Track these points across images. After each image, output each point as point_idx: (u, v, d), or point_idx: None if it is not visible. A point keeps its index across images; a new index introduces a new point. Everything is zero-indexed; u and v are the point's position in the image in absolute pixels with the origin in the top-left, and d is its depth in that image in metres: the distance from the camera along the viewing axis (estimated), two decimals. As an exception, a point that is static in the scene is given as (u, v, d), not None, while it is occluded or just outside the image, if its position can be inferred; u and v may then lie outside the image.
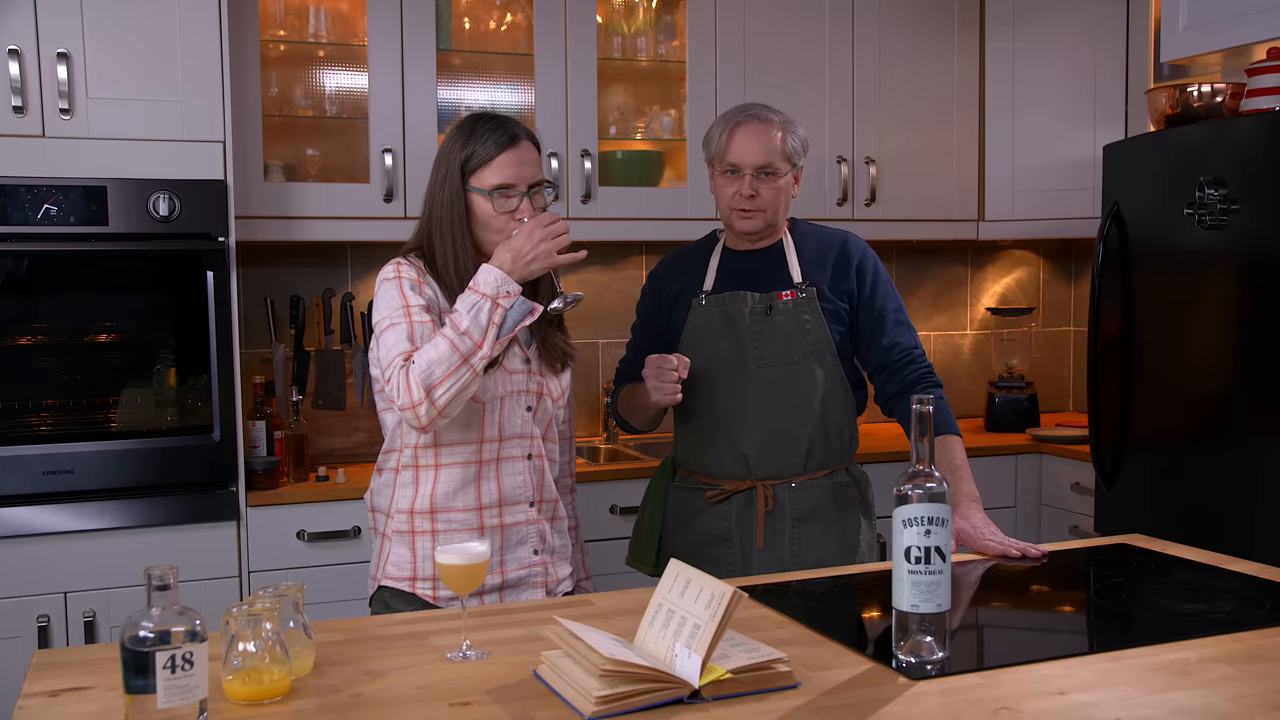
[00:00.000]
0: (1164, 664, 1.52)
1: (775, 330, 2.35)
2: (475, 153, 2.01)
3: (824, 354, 2.35)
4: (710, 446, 2.39)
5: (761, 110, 2.36)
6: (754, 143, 2.32)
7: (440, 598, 2.03)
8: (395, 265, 2.04)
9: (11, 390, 2.74)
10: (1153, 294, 3.10)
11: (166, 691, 1.28)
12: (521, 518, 2.07)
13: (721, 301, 2.38)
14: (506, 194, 2.01)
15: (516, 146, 2.02)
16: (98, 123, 2.76)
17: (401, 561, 2.05)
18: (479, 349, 1.86)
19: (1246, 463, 2.79)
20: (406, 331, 1.94)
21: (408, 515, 2.03)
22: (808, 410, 2.35)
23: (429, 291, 2.01)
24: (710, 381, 2.37)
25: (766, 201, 2.33)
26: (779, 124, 2.34)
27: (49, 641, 2.71)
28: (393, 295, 1.99)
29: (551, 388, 2.12)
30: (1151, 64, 3.58)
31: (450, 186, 2.03)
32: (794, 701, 1.40)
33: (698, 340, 2.39)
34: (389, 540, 2.07)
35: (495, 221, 2.02)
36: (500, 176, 2.00)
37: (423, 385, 1.85)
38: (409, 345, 1.92)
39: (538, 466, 2.09)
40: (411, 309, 1.96)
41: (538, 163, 2.06)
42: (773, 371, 2.35)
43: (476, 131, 2.03)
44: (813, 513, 2.36)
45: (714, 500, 2.38)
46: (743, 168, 2.32)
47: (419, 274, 2.02)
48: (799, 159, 2.37)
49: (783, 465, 2.36)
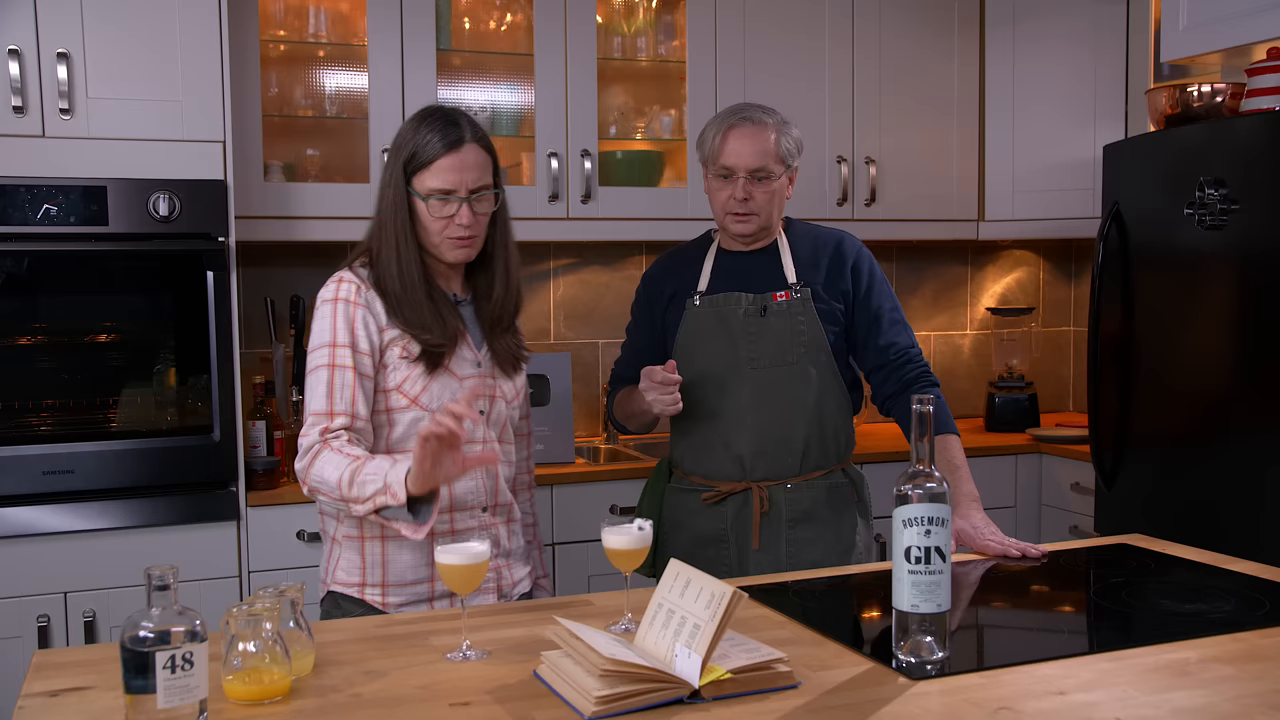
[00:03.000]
0: (1164, 664, 1.52)
1: (770, 331, 2.34)
2: (418, 153, 1.95)
3: (819, 354, 2.35)
4: (706, 448, 2.38)
5: (755, 112, 2.34)
6: (747, 145, 2.30)
7: (389, 604, 1.99)
8: (336, 283, 1.98)
9: (11, 390, 2.74)
10: (1153, 294, 3.10)
11: (166, 691, 1.28)
12: (473, 523, 2.02)
13: (716, 303, 2.37)
14: (444, 199, 1.95)
15: (459, 150, 1.94)
16: (98, 123, 2.76)
17: (351, 567, 2.01)
18: (357, 505, 1.84)
19: (1246, 463, 2.79)
20: (327, 382, 1.92)
21: (356, 522, 2.00)
22: (803, 411, 2.34)
23: (363, 313, 1.95)
24: (705, 383, 2.36)
25: (761, 204, 2.32)
26: (773, 125, 2.33)
27: (49, 641, 2.71)
28: (324, 326, 1.95)
29: (505, 390, 2.08)
30: (1151, 64, 3.58)
31: (395, 187, 1.97)
32: (794, 701, 1.40)
33: (692, 341, 2.39)
34: (339, 545, 2.04)
35: (433, 225, 1.96)
36: (439, 181, 1.94)
37: (310, 485, 1.91)
38: (325, 405, 1.91)
39: (491, 471, 2.05)
40: (337, 349, 1.93)
41: (483, 166, 1.98)
42: (767, 373, 2.34)
43: (422, 129, 1.97)
44: (809, 514, 2.35)
45: (710, 502, 2.38)
46: (736, 171, 2.31)
47: (357, 291, 1.96)
48: (794, 160, 2.36)
49: (778, 467, 2.35)
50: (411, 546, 1.99)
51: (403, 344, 1.97)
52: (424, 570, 2.00)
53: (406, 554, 1.99)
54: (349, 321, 1.95)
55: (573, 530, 3.17)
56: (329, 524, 2.07)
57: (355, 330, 1.95)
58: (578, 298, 3.80)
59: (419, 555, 1.99)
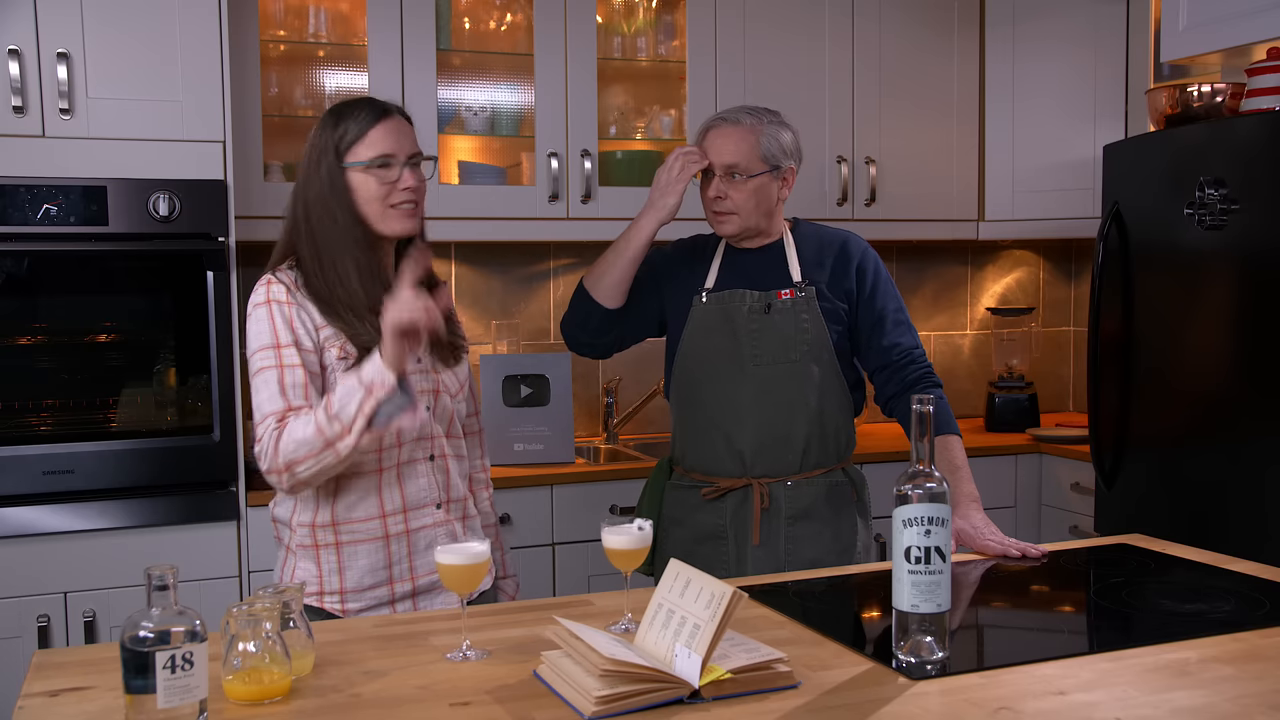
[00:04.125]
0: (1164, 664, 1.52)
1: (773, 329, 2.35)
2: (348, 131, 1.94)
3: (821, 353, 2.35)
4: (706, 443, 2.40)
5: (736, 113, 2.36)
6: (720, 144, 2.32)
7: (349, 611, 1.97)
8: (265, 286, 1.94)
9: (11, 390, 2.74)
10: (1153, 294, 3.10)
11: (166, 691, 1.28)
12: (428, 521, 2.00)
13: (721, 300, 2.39)
14: (385, 164, 1.93)
15: (389, 119, 1.96)
16: (98, 123, 2.76)
17: (307, 576, 1.98)
18: (345, 435, 1.79)
19: (1246, 462, 2.79)
20: (277, 381, 1.88)
21: (309, 529, 1.97)
22: (804, 409, 2.35)
23: (299, 314, 1.92)
24: (707, 378, 2.39)
25: (738, 203, 2.33)
26: (750, 126, 2.33)
27: (49, 641, 2.71)
28: (263, 329, 1.91)
29: (448, 383, 2.05)
30: (1151, 64, 3.58)
31: (326, 167, 1.94)
32: (794, 701, 1.40)
33: (697, 337, 2.40)
34: (293, 554, 2.00)
35: (377, 192, 1.94)
36: (377, 149, 1.93)
37: (285, 459, 1.83)
38: (281, 403, 1.86)
39: (441, 466, 2.03)
40: (282, 349, 1.89)
41: (413, 136, 2.00)
42: (770, 370, 2.35)
43: (344, 113, 1.96)
44: (808, 511, 2.36)
45: (710, 497, 2.38)
46: (714, 169, 2.33)
47: (288, 292, 1.93)
48: (783, 160, 2.35)
49: (779, 464, 2.36)
50: (368, 551, 1.96)
51: (339, 344, 1.93)
52: (382, 574, 1.97)
53: (363, 559, 1.96)
54: (287, 321, 1.91)
55: (573, 530, 3.17)
56: (283, 532, 2.03)
57: (295, 329, 1.91)
58: (578, 298, 3.80)
59: (376, 559, 1.97)
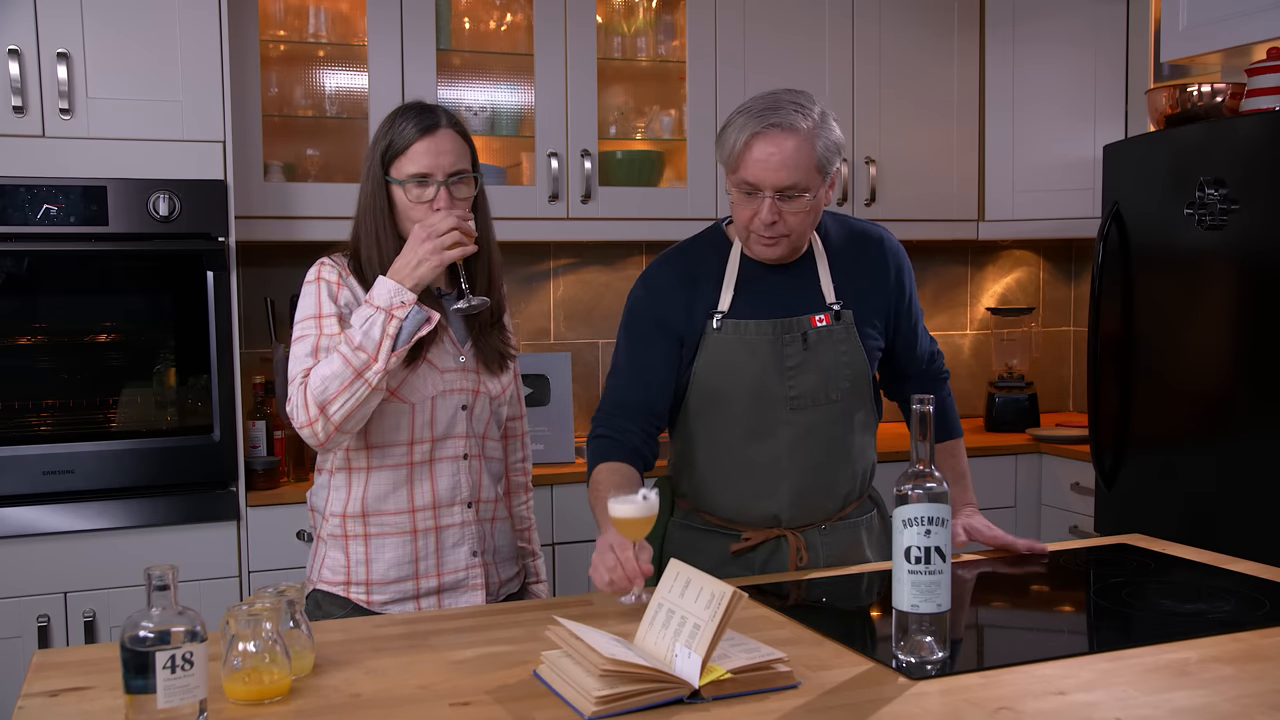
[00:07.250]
0: (1164, 664, 1.52)
1: (810, 365, 2.01)
2: (393, 142, 1.96)
3: (862, 387, 2.06)
4: (728, 492, 2.07)
5: (789, 112, 1.90)
6: (776, 158, 1.88)
7: (374, 603, 1.99)
8: (318, 266, 1.99)
9: (11, 390, 2.74)
10: (1153, 294, 3.10)
11: (166, 691, 1.28)
12: (457, 519, 2.02)
13: (742, 329, 2.01)
14: (422, 183, 1.94)
15: (434, 134, 1.94)
16: (98, 123, 2.76)
17: (336, 565, 2.01)
18: (373, 363, 1.81)
19: (1247, 462, 2.79)
20: (313, 345, 1.90)
21: (340, 519, 2.00)
22: (846, 456, 2.08)
23: (347, 294, 1.96)
24: (735, 421, 2.03)
25: (792, 226, 1.94)
26: (808, 131, 1.90)
27: (49, 641, 2.71)
28: (309, 302, 1.95)
29: (490, 387, 2.06)
30: (1151, 64, 3.58)
31: (372, 178, 1.98)
32: (794, 701, 1.40)
33: (715, 372, 2.02)
34: (324, 543, 2.04)
35: (413, 212, 1.96)
36: (416, 165, 1.94)
37: (317, 402, 1.83)
38: (312, 361, 1.88)
39: (474, 467, 2.04)
40: (324, 319, 1.92)
41: (459, 152, 1.97)
42: (808, 414, 2.02)
43: (397, 121, 1.98)
44: (844, 557, 2.09)
45: (739, 551, 2.07)
46: (762, 188, 1.90)
47: (340, 275, 1.97)
48: (833, 164, 1.95)
49: (816, 513, 2.08)
50: (395, 544, 1.98)
51: None
52: (407, 568, 1.99)
53: (390, 552, 1.99)
54: (333, 298, 1.95)
55: (573, 530, 3.17)
56: (317, 521, 2.07)
57: (340, 306, 1.95)
58: (578, 298, 3.80)
59: (403, 553, 1.99)
